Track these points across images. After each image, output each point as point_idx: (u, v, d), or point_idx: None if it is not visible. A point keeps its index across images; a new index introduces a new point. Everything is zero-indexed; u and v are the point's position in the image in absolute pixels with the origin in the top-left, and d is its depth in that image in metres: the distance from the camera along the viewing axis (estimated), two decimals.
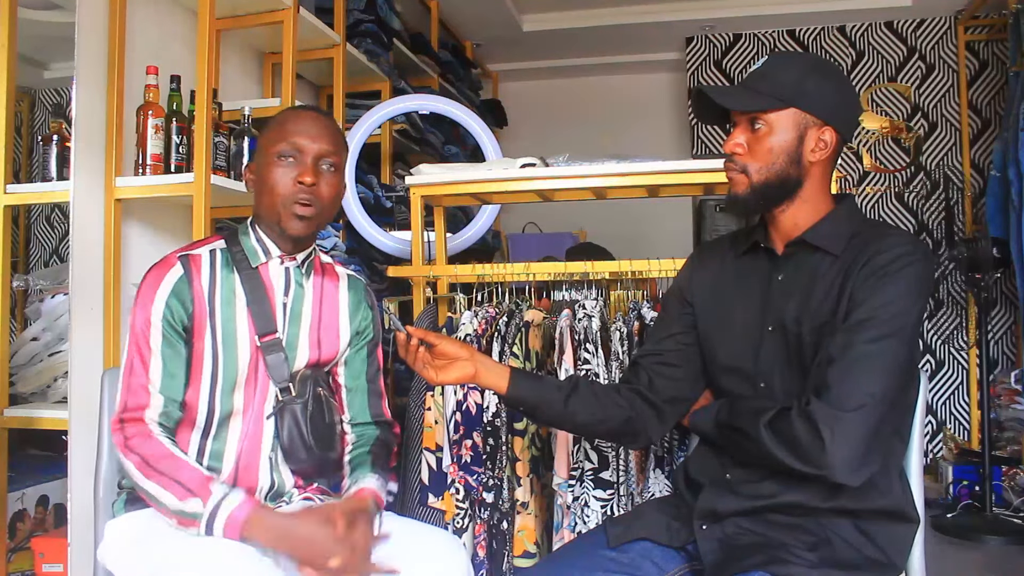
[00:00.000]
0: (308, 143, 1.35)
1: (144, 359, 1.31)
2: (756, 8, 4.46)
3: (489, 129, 3.00)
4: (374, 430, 1.50)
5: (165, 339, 1.31)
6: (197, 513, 1.20)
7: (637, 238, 4.29)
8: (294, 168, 1.35)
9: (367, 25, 3.27)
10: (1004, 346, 4.22)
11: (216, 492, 1.22)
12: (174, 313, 1.32)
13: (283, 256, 1.42)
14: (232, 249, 1.40)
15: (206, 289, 1.35)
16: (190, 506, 1.21)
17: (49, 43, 2.19)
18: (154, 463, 1.24)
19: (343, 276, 1.52)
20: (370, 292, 1.56)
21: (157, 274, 1.34)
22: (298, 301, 1.43)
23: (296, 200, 1.34)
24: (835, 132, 1.23)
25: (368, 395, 1.51)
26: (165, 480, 1.23)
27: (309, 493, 1.45)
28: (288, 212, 1.34)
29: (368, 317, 1.52)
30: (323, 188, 1.36)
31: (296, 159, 1.35)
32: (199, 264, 1.36)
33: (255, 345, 1.37)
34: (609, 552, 1.29)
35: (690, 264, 1.46)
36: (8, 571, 1.99)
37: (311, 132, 1.36)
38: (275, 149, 1.35)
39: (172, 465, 1.24)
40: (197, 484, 1.22)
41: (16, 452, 1.98)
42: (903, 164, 4.49)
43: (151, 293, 1.32)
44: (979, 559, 2.92)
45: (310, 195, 1.34)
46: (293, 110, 1.43)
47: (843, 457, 1.10)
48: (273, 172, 1.35)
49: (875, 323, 1.14)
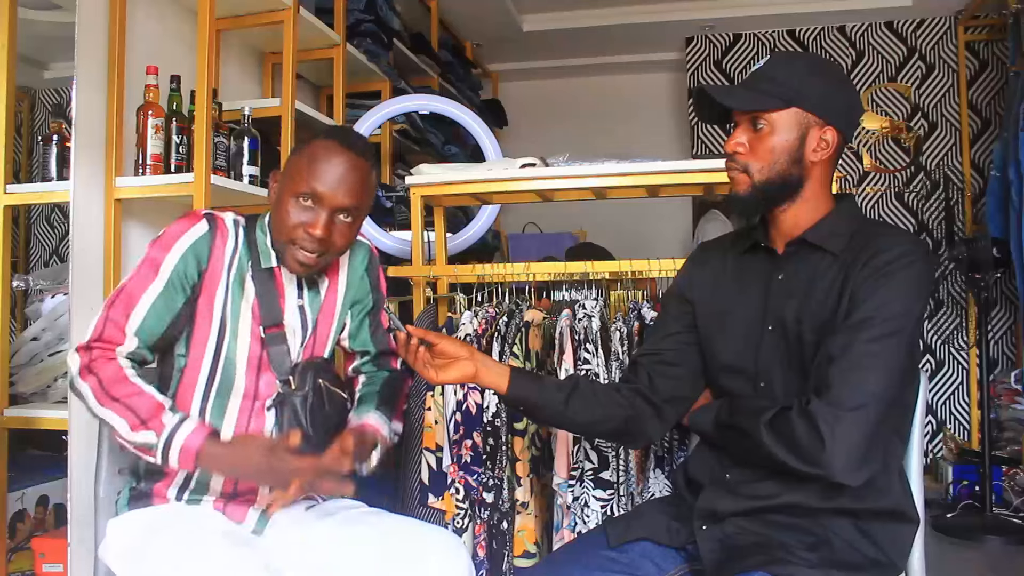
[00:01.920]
0: (328, 195, 1.30)
1: (131, 300, 1.30)
2: (756, 8, 4.46)
3: (489, 129, 3.00)
4: (387, 372, 1.54)
5: (165, 289, 1.31)
6: (151, 443, 1.22)
7: (637, 238, 4.30)
8: (309, 213, 1.31)
9: (367, 25, 3.27)
10: (1004, 346, 4.22)
11: (168, 423, 1.23)
12: (187, 267, 1.32)
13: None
14: (250, 236, 1.39)
15: (227, 256, 1.35)
16: (143, 436, 1.22)
17: (49, 43, 2.19)
18: (109, 387, 1.25)
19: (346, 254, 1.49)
20: (374, 255, 1.54)
21: (181, 226, 1.34)
22: (315, 301, 1.45)
23: (302, 245, 1.32)
24: (836, 132, 1.23)
25: (377, 357, 1.55)
26: (118, 406, 1.24)
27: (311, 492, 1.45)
28: (292, 251, 1.33)
29: (367, 285, 1.52)
30: (334, 238, 1.33)
31: (314, 206, 1.31)
32: (225, 230, 1.36)
33: (259, 335, 1.37)
34: (609, 552, 1.29)
35: (690, 263, 1.46)
36: (8, 571, 1.98)
37: (335, 184, 1.30)
38: (296, 188, 1.30)
39: (127, 390, 1.25)
40: (150, 413, 1.23)
41: (16, 452, 1.98)
42: (903, 164, 4.49)
43: (171, 242, 1.32)
44: (979, 559, 2.92)
45: (317, 246, 1.32)
46: (329, 142, 1.32)
47: (843, 457, 1.10)
48: (289, 209, 1.31)
49: (875, 323, 1.14)
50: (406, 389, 1.59)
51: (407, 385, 1.59)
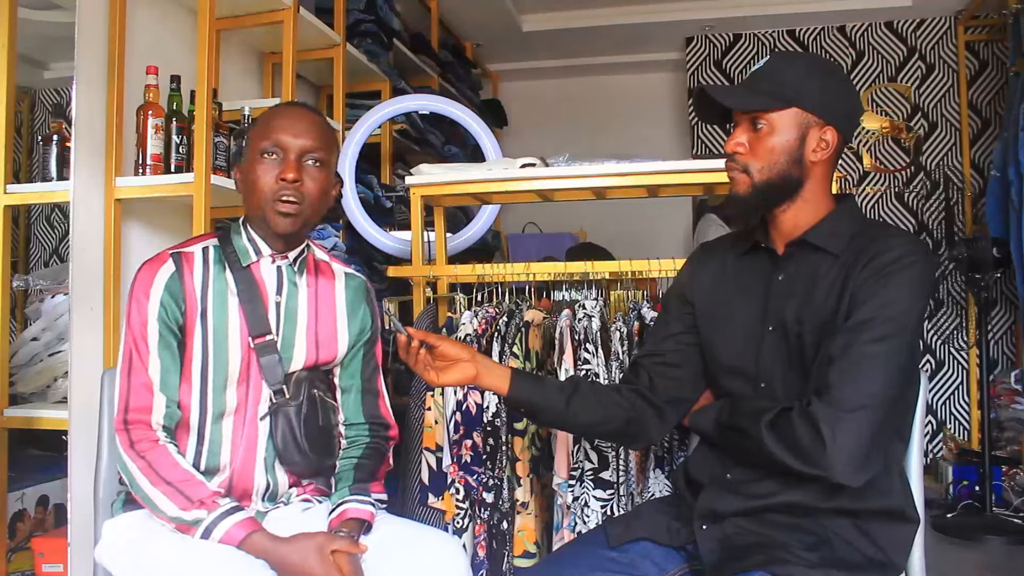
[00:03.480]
0: (291, 139, 1.34)
1: (143, 358, 1.30)
2: (756, 8, 4.46)
3: (489, 129, 3.00)
4: (366, 435, 1.48)
5: (161, 337, 1.31)
6: (198, 520, 1.22)
7: (637, 238, 4.29)
8: (277, 165, 1.34)
9: (367, 25, 3.27)
10: (1004, 346, 4.22)
11: (221, 505, 1.23)
12: (168, 311, 1.31)
13: (274, 255, 1.41)
14: (225, 248, 1.39)
15: (198, 286, 1.35)
16: (192, 515, 1.22)
17: (49, 43, 2.18)
18: (162, 471, 1.25)
19: (340, 274, 1.50)
20: (370, 289, 1.54)
21: (149, 270, 1.34)
22: (292, 300, 1.42)
23: (279, 197, 1.33)
24: (836, 132, 1.23)
25: (363, 394, 1.50)
26: (171, 490, 1.24)
27: (307, 494, 1.44)
28: (272, 209, 1.33)
29: (368, 317, 1.51)
30: (308, 184, 1.35)
31: (279, 156, 1.34)
32: (191, 261, 1.36)
33: (248, 345, 1.36)
34: (609, 552, 1.29)
35: (690, 264, 1.45)
36: (8, 571, 1.98)
37: (294, 128, 1.35)
38: (259, 146, 1.35)
39: (179, 476, 1.25)
40: (203, 496, 1.24)
41: (16, 452, 1.98)
42: (903, 164, 4.49)
43: (145, 290, 1.32)
44: (979, 559, 2.92)
45: (293, 191, 1.33)
46: (278, 107, 1.43)
47: (844, 457, 1.10)
48: (257, 169, 1.34)
49: (876, 323, 1.14)
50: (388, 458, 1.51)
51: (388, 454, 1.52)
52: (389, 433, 1.52)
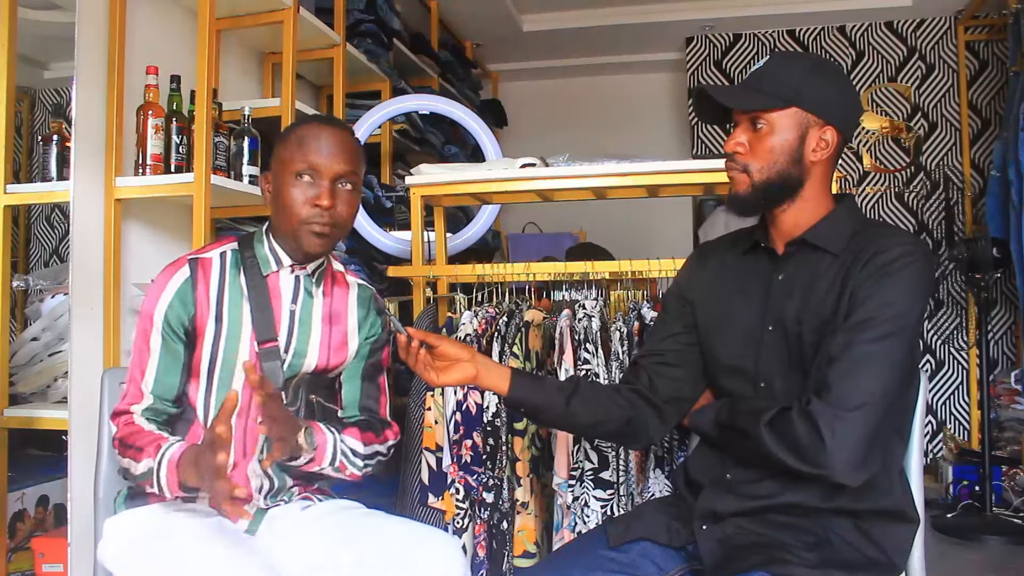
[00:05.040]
0: (325, 163, 1.34)
1: (142, 358, 1.34)
2: (756, 8, 4.46)
3: (489, 129, 3.00)
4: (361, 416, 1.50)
5: (164, 341, 1.33)
6: (149, 468, 1.23)
7: (637, 238, 4.29)
8: (311, 188, 1.34)
9: (367, 25, 3.27)
10: (1004, 346, 4.22)
11: (162, 446, 1.24)
12: (175, 315, 1.33)
13: (294, 265, 1.42)
14: (244, 254, 1.40)
15: (214, 292, 1.36)
16: (145, 465, 1.24)
17: (49, 43, 2.19)
18: (128, 439, 1.28)
19: (353, 286, 1.52)
20: (379, 299, 1.56)
21: (166, 275, 1.36)
22: (307, 309, 1.43)
23: (313, 220, 1.34)
24: (836, 132, 1.23)
25: (361, 385, 1.51)
26: (132, 451, 1.26)
27: (308, 493, 1.46)
28: (306, 231, 1.34)
29: (378, 326, 1.52)
30: (340, 208, 1.36)
31: (313, 179, 1.34)
32: (208, 268, 1.37)
33: (255, 351, 1.37)
34: (609, 552, 1.29)
35: (690, 264, 1.46)
36: (8, 571, 1.99)
37: (330, 151, 1.34)
38: (292, 167, 1.34)
39: (139, 438, 1.27)
40: (151, 445, 1.25)
41: (16, 452, 1.98)
42: (903, 164, 4.49)
43: (156, 293, 1.34)
44: (979, 559, 2.91)
45: (327, 216, 1.34)
46: (311, 125, 1.38)
47: (844, 457, 1.10)
48: (290, 191, 1.34)
49: (876, 323, 1.14)
50: (386, 435, 1.50)
51: (387, 435, 1.50)
52: (388, 432, 1.52)
